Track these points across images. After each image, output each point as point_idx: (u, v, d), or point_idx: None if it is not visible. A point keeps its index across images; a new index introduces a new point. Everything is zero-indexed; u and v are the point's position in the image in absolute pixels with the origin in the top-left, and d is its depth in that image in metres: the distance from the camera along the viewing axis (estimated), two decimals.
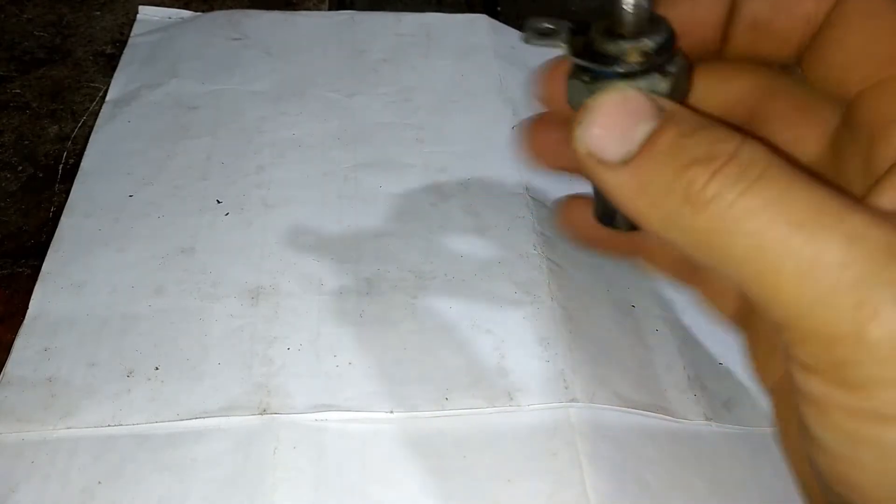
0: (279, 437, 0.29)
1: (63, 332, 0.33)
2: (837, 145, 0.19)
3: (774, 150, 0.15)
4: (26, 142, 0.42)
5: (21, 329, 0.33)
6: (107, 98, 0.44)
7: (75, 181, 0.39)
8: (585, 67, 0.18)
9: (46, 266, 0.35)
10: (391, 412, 0.30)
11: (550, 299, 0.35)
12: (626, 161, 0.17)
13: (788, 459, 0.21)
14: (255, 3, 0.53)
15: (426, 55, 0.49)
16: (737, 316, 0.23)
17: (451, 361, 0.32)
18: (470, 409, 0.31)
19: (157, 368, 0.31)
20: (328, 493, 0.28)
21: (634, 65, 0.18)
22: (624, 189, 0.17)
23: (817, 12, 0.19)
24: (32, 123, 0.44)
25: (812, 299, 0.14)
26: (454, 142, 0.43)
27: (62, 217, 0.37)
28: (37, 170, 0.41)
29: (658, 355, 0.34)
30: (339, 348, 0.33)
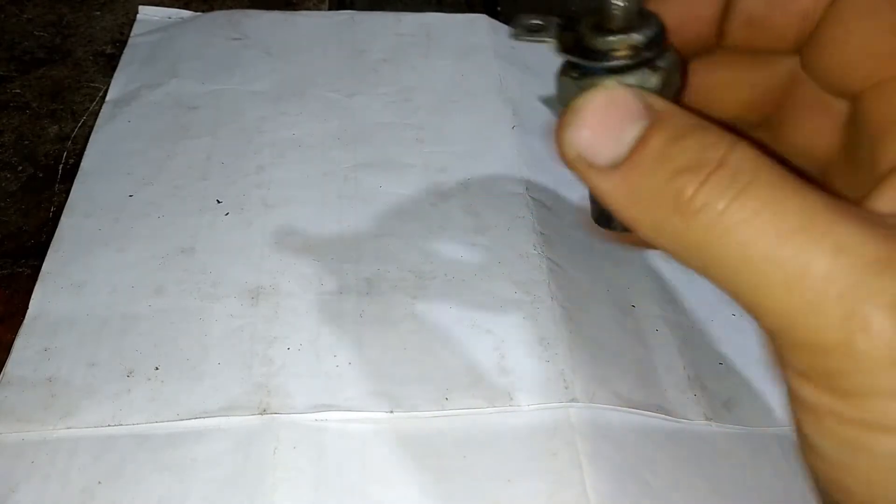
0: (279, 437, 0.29)
1: (63, 332, 0.33)
2: (848, 139, 0.19)
3: (765, 153, 0.15)
4: (26, 142, 0.42)
5: (21, 329, 0.33)
6: (107, 98, 0.44)
7: (75, 181, 0.39)
8: (575, 63, 0.18)
9: (46, 266, 0.35)
10: (391, 412, 0.30)
11: (550, 299, 0.35)
12: (616, 165, 0.16)
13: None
14: (255, 3, 0.53)
15: (426, 55, 0.49)
16: None
17: (451, 361, 0.32)
18: (470, 409, 0.31)
19: (157, 368, 0.31)
20: (328, 493, 0.28)
21: (623, 60, 0.17)
22: (614, 194, 0.17)
23: (814, 8, 0.19)
24: (32, 123, 0.44)
25: (801, 310, 0.14)
26: (454, 142, 0.43)
27: (62, 217, 0.37)
28: (37, 170, 0.41)
29: (658, 355, 0.34)
30: (339, 348, 0.33)
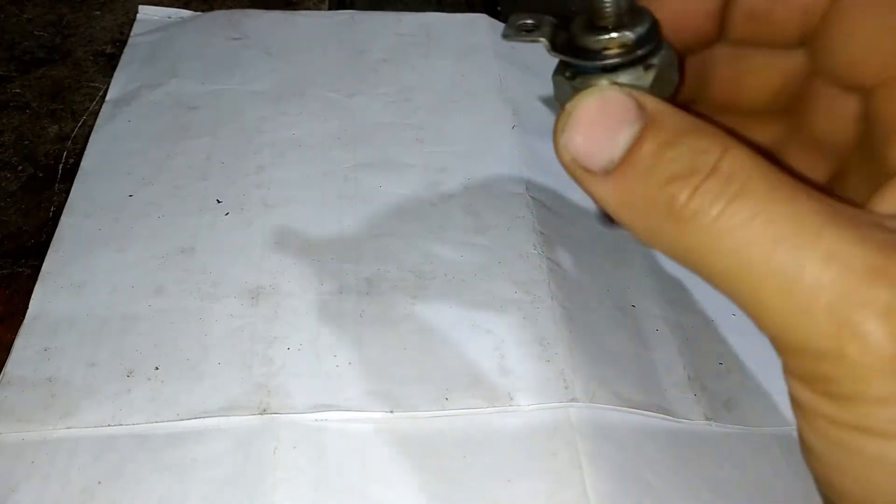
0: (279, 437, 0.29)
1: (63, 332, 0.33)
2: (862, 133, 0.19)
3: (759, 155, 0.15)
4: (26, 142, 0.42)
5: (21, 329, 0.33)
6: (107, 98, 0.44)
7: (75, 181, 0.39)
8: (568, 63, 0.18)
9: (46, 266, 0.35)
10: (391, 412, 0.30)
11: (550, 299, 0.35)
12: (610, 171, 0.16)
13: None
14: (255, 3, 0.53)
15: (426, 55, 0.49)
16: None
17: (451, 361, 0.32)
18: (470, 409, 0.31)
19: (157, 368, 0.31)
20: (328, 493, 0.28)
21: (615, 58, 0.17)
22: (609, 199, 0.17)
23: (816, 3, 0.19)
24: (32, 123, 0.44)
25: (794, 316, 0.14)
26: (454, 142, 0.43)
27: (62, 217, 0.37)
28: (37, 170, 0.41)
29: (658, 355, 0.34)
30: (339, 348, 0.33)
